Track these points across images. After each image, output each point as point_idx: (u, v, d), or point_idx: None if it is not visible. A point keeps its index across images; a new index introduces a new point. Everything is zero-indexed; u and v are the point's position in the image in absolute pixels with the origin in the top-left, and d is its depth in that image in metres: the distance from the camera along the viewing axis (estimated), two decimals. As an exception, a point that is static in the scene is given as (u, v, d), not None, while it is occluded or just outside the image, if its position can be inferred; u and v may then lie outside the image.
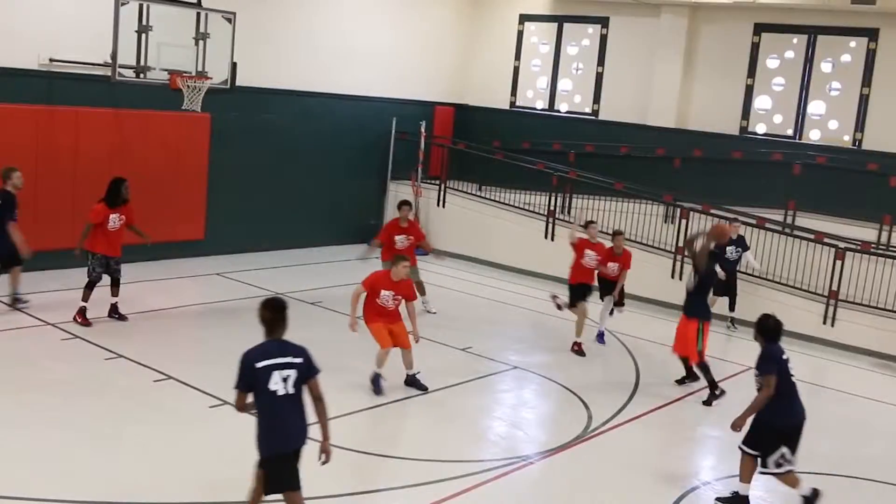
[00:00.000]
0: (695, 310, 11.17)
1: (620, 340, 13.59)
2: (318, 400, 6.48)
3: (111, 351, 10.73)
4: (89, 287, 11.68)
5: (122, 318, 11.94)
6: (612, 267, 13.01)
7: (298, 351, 6.41)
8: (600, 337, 13.34)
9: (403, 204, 13.80)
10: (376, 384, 10.21)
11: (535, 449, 9.20)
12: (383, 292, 10.36)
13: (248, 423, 8.96)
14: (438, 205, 19.17)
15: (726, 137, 18.45)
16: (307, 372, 6.37)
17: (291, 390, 6.32)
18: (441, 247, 18.66)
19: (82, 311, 11.62)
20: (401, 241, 13.27)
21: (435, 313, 13.65)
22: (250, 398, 6.35)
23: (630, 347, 13.25)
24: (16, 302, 12.05)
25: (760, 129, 18.48)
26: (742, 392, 11.71)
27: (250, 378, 6.25)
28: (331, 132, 18.43)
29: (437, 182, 19.28)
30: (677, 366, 12.17)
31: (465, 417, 10.04)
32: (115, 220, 11.77)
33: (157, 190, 15.18)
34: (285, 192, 17.66)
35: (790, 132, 18.19)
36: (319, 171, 18.22)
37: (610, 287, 13.13)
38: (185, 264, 15.22)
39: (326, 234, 18.58)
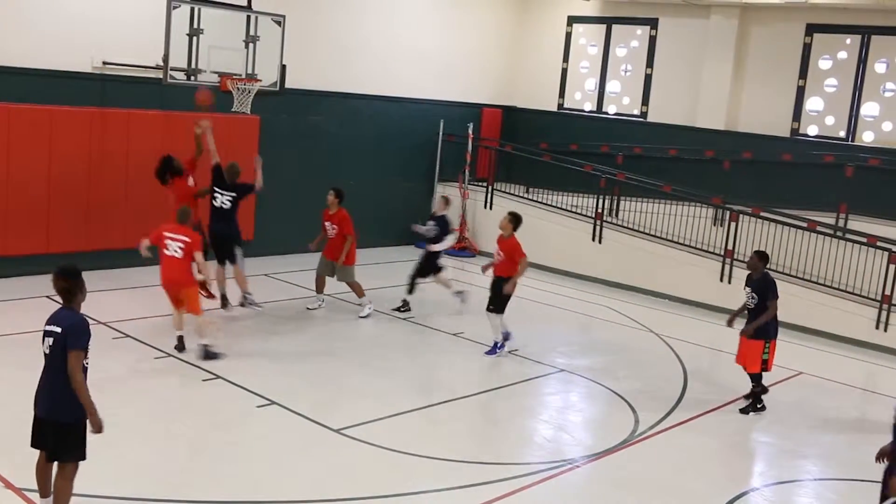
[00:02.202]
0: (760, 330, 10.91)
1: (668, 344, 13.48)
2: (69, 376, 6.20)
3: (160, 350, 10.85)
4: None
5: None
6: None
7: (65, 321, 6.28)
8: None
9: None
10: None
11: (581, 452, 9.16)
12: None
13: (294, 423, 9.06)
14: (486, 207, 19.17)
15: (777, 139, 18.23)
16: (64, 343, 6.21)
17: (50, 358, 6.27)
18: (489, 249, 18.64)
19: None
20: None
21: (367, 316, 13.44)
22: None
23: (678, 351, 13.14)
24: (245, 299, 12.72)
25: (812, 130, 18.24)
26: (792, 394, 11.62)
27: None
28: (379, 134, 18.51)
29: (485, 184, 19.27)
30: (726, 370, 12.06)
31: (511, 420, 10.03)
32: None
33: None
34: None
35: (842, 134, 17.93)
36: (367, 173, 18.30)
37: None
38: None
39: (374, 235, 18.62)
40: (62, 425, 6.30)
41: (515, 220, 12.17)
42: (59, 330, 6.25)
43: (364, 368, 11.11)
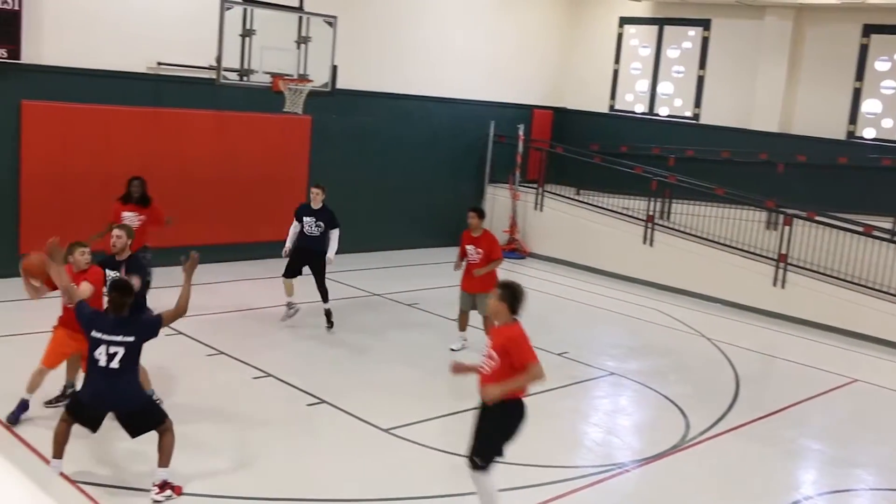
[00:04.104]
0: None
1: (720, 349, 13.33)
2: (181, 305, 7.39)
3: (212, 347, 10.95)
4: None
5: None
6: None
7: (134, 328, 7.09)
8: None
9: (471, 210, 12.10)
10: None
11: (631, 457, 9.08)
12: None
13: (344, 422, 9.09)
14: (536, 209, 19.10)
15: (832, 142, 17.96)
16: (139, 347, 7.13)
17: (116, 365, 6.96)
18: (538, 251, 18.61)
19: None
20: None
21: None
22: None
23: (729, 356, 12.98)
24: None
25: (869, 133, 17.94)
26: (847, 402, 11.43)
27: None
28: (429, 135, 18.54)
29: (535, 186, 19.21)
30: (779, 376, 11.91)
31: (561, 423, 9.96)
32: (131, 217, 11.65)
33: (258, 190, 15.54)
34: (384, 194, 17.82)
35: (901, 136, 17.62)
36: (418, 174, 18.34)
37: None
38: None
39: (424, 236, 18.68)
40: (139, 407, 7.17)
41: (511, 295, 6.99)
42: (131, 339, 7.03)
43: (414, 370, 11.11)
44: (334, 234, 12.18)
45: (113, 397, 7.05)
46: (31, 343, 10.62)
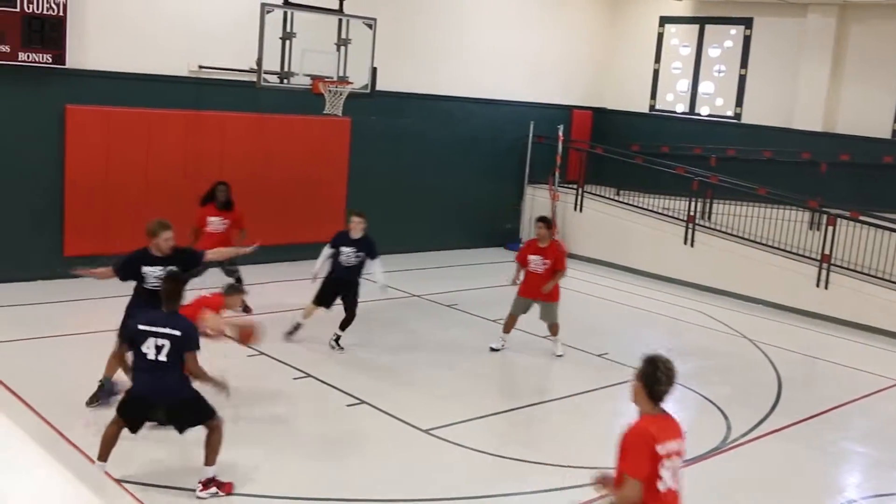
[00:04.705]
0: None
1: (763, 350, 13.22)
2: (191, 374, 7.28)
3: (253, 348, 11.02)
4: None
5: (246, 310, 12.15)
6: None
7: (181, 325, 7.19)
8: None
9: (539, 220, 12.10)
10: None
11: (672, 459, 9.03)
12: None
13: (383, 422, 9.12)
14: (576, 209, 19.05)
15: (877, 141, 17.72)
16: (182, 345, 7.11)
17: (164, 359, 7.05)
18: (578, 252, 18.54)
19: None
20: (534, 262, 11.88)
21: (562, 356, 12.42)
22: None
23: (772, 358, 12.87)
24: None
25: (915, 132, 17.70)
26: (892, 405, 11.28)
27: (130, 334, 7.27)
28: (468, 136, 18.54)
29: (575, 186, 19.15)
30: (822, 378, 11.77)
31: (600, 424, 9.91)
32: (216, 222, 12.27)
33: (298, 192, 15.65)
34: (423, 195, 17.85)
35: (947, 136, 17.37)
36: (457, 175, 18.35)
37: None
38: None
39: (463, 237, 18.69)
40: (189, 400, 7.26)
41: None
42: (178, 333, 7.09)
43: (453, 371, 11.12)
44: (377, 265, 11.65)
45: (161, 390, 7.09)
46: (79, 342, 10.79)
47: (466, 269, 16.96)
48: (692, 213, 17.28)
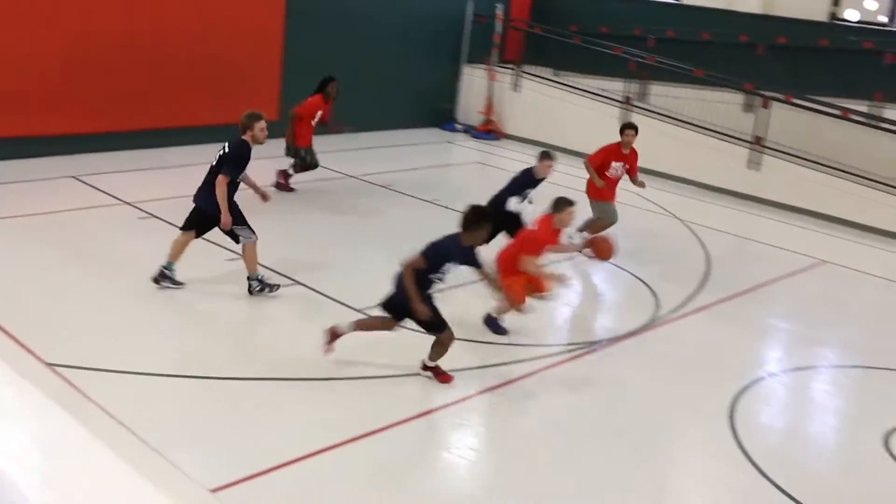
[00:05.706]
0: None
1: (693, 231, 13.44)
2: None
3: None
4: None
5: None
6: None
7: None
8: None
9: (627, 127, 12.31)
10: None
11: (603, 335, 9.24)
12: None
13: (319, 303, 9.15)
14: (513, 89, 18.93)
15: (813, 24, 17.76)
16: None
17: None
18: (513, 132, 18.50)
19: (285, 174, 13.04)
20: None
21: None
22: None
23: (702, 238, 13.10)
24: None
25: (851, 15, 17.73)
26: (814, 283, 11.60)
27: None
28: (406, 14, 18.17)
29: (513, 66, 18.99)
30: (749, 258, 12.01)
31: (532, 302, 10.06)
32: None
33: (230, 70, 15.24)
34: (360, 75, 17.51)
35: (884, 19, 17.41)
36: (394, 54, 18.05)
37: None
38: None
39: (400, 117, 18.52)
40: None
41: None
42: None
43: (391, 252, 11.10)
44: None
45: None
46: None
47: (403, 149, 16.85)
48: (629, 95, 17.27)
